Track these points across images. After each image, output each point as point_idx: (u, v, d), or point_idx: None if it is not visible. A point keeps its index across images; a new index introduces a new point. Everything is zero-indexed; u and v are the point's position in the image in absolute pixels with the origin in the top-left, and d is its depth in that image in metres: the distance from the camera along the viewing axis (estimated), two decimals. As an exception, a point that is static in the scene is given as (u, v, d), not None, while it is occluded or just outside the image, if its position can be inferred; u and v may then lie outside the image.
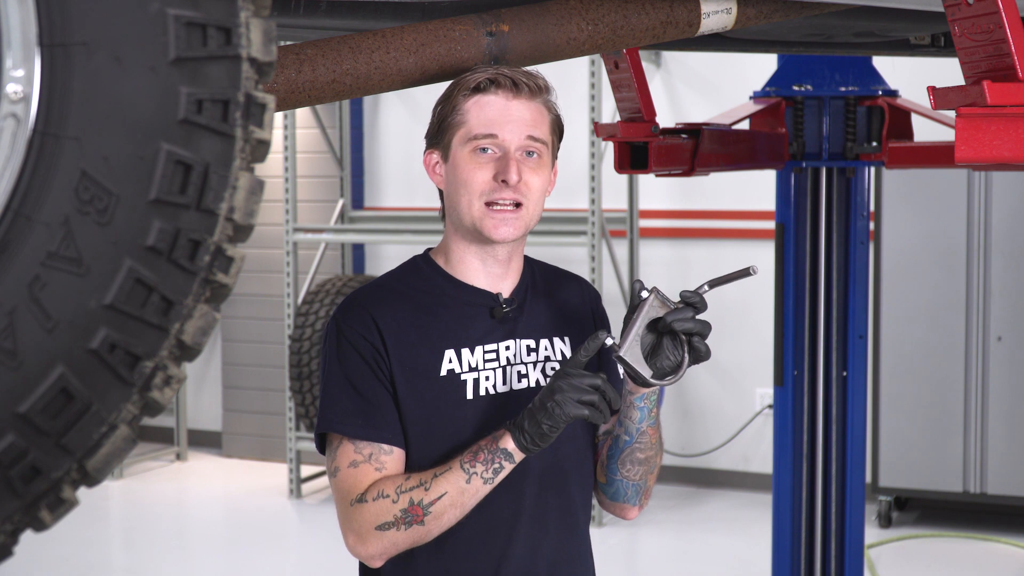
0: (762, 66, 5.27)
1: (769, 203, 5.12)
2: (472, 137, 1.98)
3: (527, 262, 2.15)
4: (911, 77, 5.04)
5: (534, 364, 2.08)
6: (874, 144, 3.79)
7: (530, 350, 2.08)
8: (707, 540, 6.30)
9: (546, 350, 2.09)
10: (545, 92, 2.02)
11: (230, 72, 1.12)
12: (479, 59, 1.98)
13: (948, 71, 3.27)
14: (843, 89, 3.80)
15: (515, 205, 1.98)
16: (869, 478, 6.26)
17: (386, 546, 1.94)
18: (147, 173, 1.10)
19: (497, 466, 1.92)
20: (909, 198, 6.18)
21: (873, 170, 4.03)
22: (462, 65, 1.97)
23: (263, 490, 7.33)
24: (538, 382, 2.07)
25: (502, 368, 2.05)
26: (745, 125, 3.86)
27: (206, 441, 8.32)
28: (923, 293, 6.20)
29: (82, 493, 1.21)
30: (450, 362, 2.02)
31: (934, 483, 6.22)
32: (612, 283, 6.97)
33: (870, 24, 2.61)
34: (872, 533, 6.17)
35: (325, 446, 2.04)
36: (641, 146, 3.22)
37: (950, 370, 6.17)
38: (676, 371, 1.95)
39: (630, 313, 1.95)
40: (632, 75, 3.07)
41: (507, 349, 2.06)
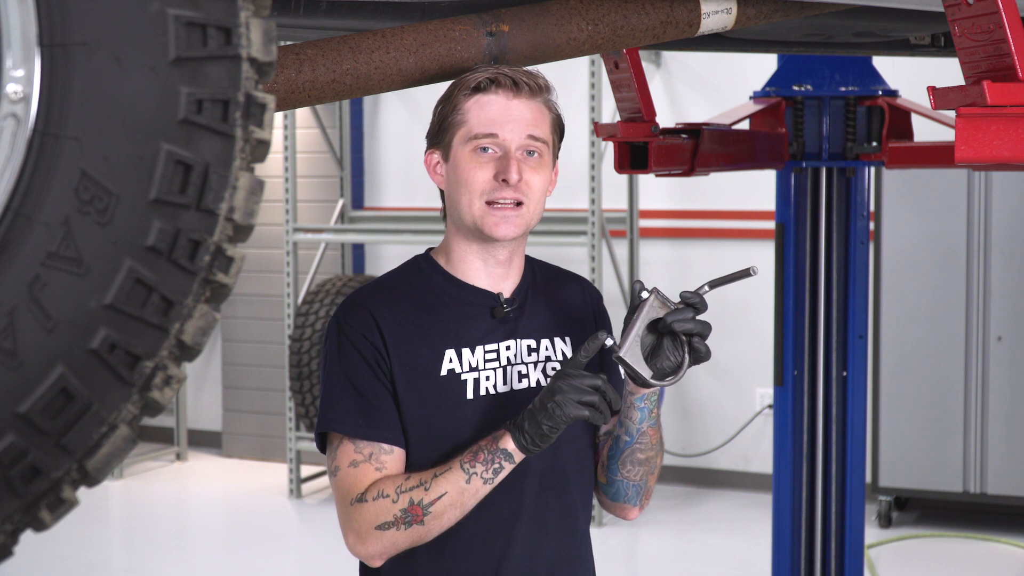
0: (762, 66, 5.27)
1: (769, 203, 5.12)
2: (472, 136, 1.98)
3: (528, 262, 2.15)
4: (911, 77, 5.04)
5: (535, 364, 2.07)
6: (874, 144, 3.78)
7: (531, 350, 2.08)
8: (707, 540, 6.30)
9: (547, 350, 2.09)
10: (546, 91, 2.02)
11: (230, 72, 1.13)
12: (479, 59, 1.98)
13: (948, 71, 3.27)
14: (843, 89, 3.80)
15: (516, 204, 1.98)
16: (869, 478, 6.26)
17: (386, 546, 1.94)
18: (147, 173, 1.10)
19: (497, 466, 1.92)
20: (909, 198, 6.18)
21: (873, 170, 4.03)
22: (462, 65, 1.97)
23: (263, 490, 7.33)
24: (539, 382, 2.07)
25: (503, 368, 2.05)
26: (745, 125, 3.86)
27: (206, 441, 8.32)
28: (923, 293, 6.20)
29: (82, 493, 1.21)
30: (450, 362, 2.02)
31: (934, 483, 6.22)
32: (612, 283, 6.97)
33: (870, 24, 2.61)
34: (872, 533, 6.17)
35: (326, 445, 2.04)
36: (641, 146, 3.22)
37: (950, 370, 6.17)
38: (676, 372, 1.95)
39: (630, 314, 1.95)
40: (632, 75, 3.07)
41: (508, 349, 2.05)
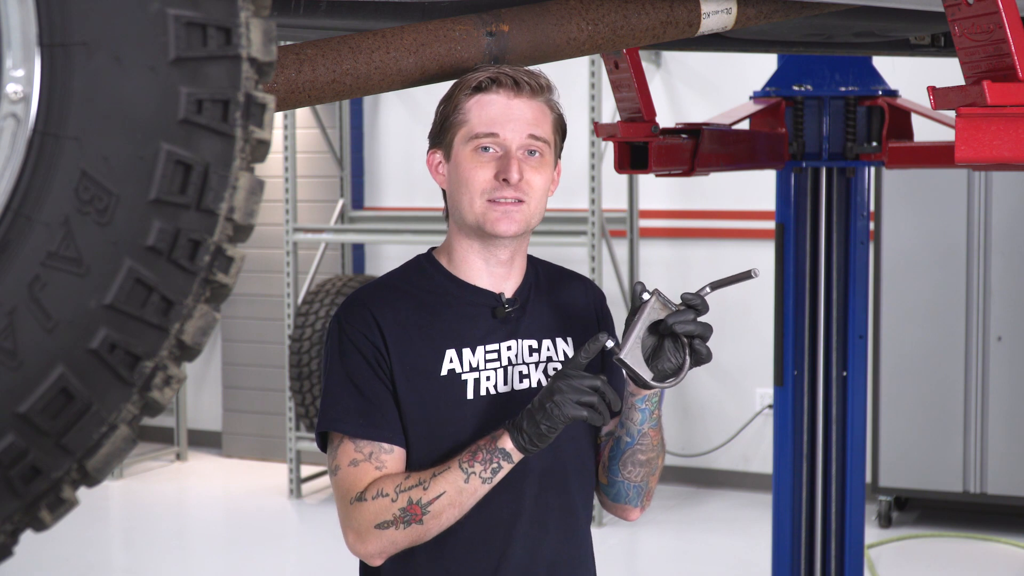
0: (762, 66, 5.27)
1: (769, 203, 5.12)
2: (474, 136, 1.98)
3: (531, 262, 2.14)
4: (911, 77, 5.04)
5: (536, 364, 2.07)
6: (874, 144, 3.78)
7: (532, 350, 2.07)
8: (707, 540, 6.30)
9: (548, 350, 2.09)
10: (547, 91, 2.02)
11: (230, 72, 1.12)
12: (479, 59, 1.98)
13: (948, 71, 3.27)
14: (843, 89, 3.80)
15: (517, 201, 1.98)
16: (869, 478, 6.26)
17: (385, 545, 1.94)
18: (147, 173, 1.10)
19: (496, 466, 1.92)
20: (909, 198, 6.18)
21: (873, 170, 4.03)
22: (462, 65, 1.97)
23: (263, 490, 7.33)
24: (540, 382, 2.07)
25: (503, 368, 2.05)
26: (745, 125, 3.86)
27: (206, 441, 8.32)
28: (923, 293, 6.20)
29: (82, 493, 1.21)
30: (451, 362, 2.02)
31: (934, 483, 6.22)
32: (612, 283, 6.97)
33: (870, 24, 2.61)
34: (872, 533, 6.17)
35: (327, 444, 2.04)
36: (641, 146, 3.22)
37: (950, 370, 6.17)
38: (677, 373, 1.94)
39: (631, 315, 1.95)
40: (632, 75, 3.07)
41: (509, 349, 2.05)
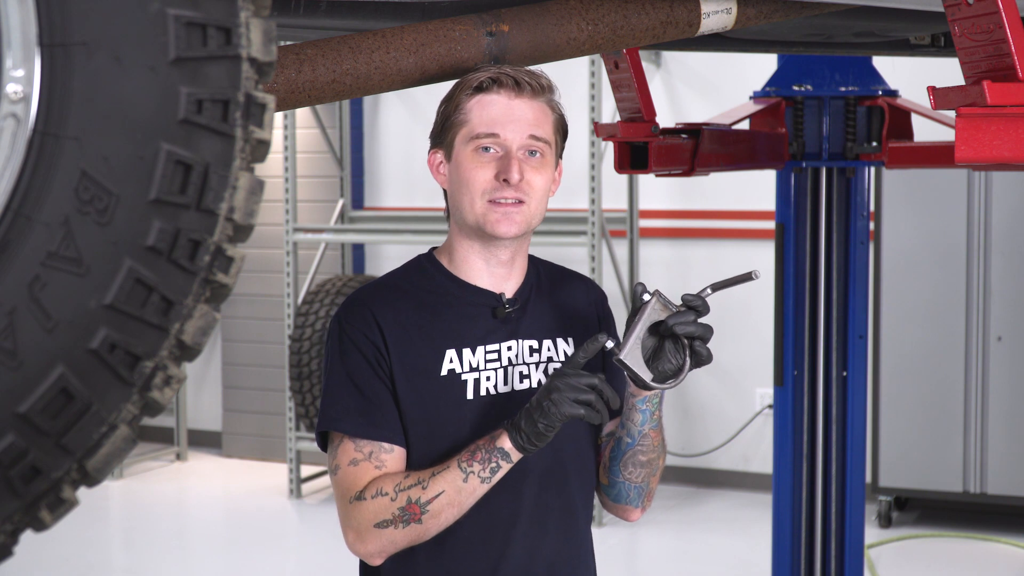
0: (762, 66, 5.27)
1: (769, 203, 5.12)
2: (474, 136, 1.98)
3: (532, 262, 2.14)
4: (911, 77, 5.04)
5: (536, 365, 2.07)
6: (874, 144, 3.78)
7: (532, 351, 2.07)
8: (707, 540, 6.30)
9: (549, 351, 2.09)
10: (548, 91, 2.02)
11: (230, 72, 1.12)
12: (479, 59, 1.98)
13: (948, 71, 3.27)
14: (843, 89, 3.80)
15: (517, 202, 1.98)
16: (869, 478, 6.26)
17: (384, 544, 1.94)
18: (147, 173, 1.10)
19: (494, 465, 1.92)
20: (909, 198, 6.18)
21: (873, 170, 4.03)
22: (462, 65, 1.97)
23: (263, 490, 7.33)
24: (540, 383, 2.06)
25: (503, 368, 2.04)
26: (745, 125, 3.86)
27: (206, 441, 8.32)
28: (923, 293, 6.20)
29: (82, 493, 1.21)
30: (451, 362, 2.02)
31: (934, 483, 6.22)
32: (612, 283, 6.97)
33: (870, 24, 2.61)
34: (872, 533, 6.17)
35: (327, 444, 2.04)
36: (641, 146, 3.22)
37: (950, 370, 6.17)
38: (677, 375, 1.94)
39: (632, 316, 1.95)
40: (632, 75, 3.07)
41: (509, 349, 2.05)
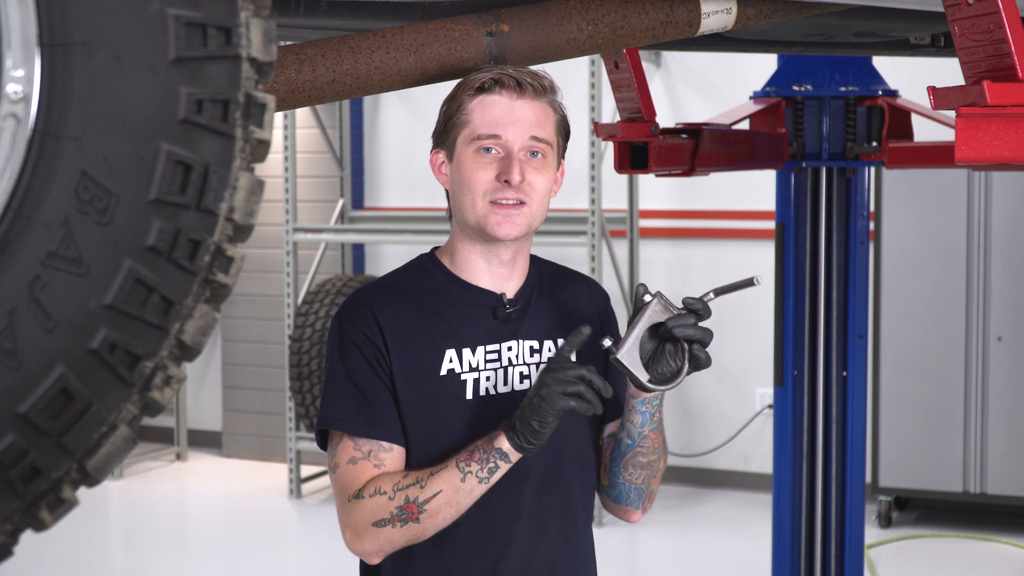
0: (762, 66, 5.27)
1: (769, 203, 5.12)
2: (476, 137, 1.98)
3: (535, 262, 2.14)
4: (911, 77, 5.04)
5: (537, 365, 2.07)
6: (874, 144, 3.78)
7: (533, 351, 2.07)
8: (707, 540, 6.30)
9: (549, 351, 2.08)
10: (551, 92, 2.01)
11: (230, 72, 1.12)
12: (479, 59, 1.97)
13: (948, 71, 3.27)
14: (843, 89, 3.80)
15: (518, 203, 1.97)
16: (869, 478, 6.26)
17: (382, 543, 1.94)
18: (147, 173, 1.10)
19: (492, 465, 1.91)
20: (909, 198, 6.18)
21: (873, 170, 4.03)
22: (462, 65, 1.96)
23: (263, 490, 7.33)
24: (540, 382, 2.06)
25: (503, 369, 2.04)
26: (745, 125, 3.85)
27: (206, 441, 8.31)
28: (923, 293, 6.20)
29: (82, 493, 1.21)
30: (450, 362, 2.01)
31: (934, 483, 6.22)
32: (612, 283, 6.97)
33: (870, 24, 2.61)
34: (872, 533, 6.17)
35: (327, 443, 2.04)
36: (641, 146, 3.22)
37: (950, 370, 6.17)
38: (675, 377, 1.94)
39: (632, 317, 1.95)
40: (632, 75, 3.07)
41: (509, 350, 2.05)
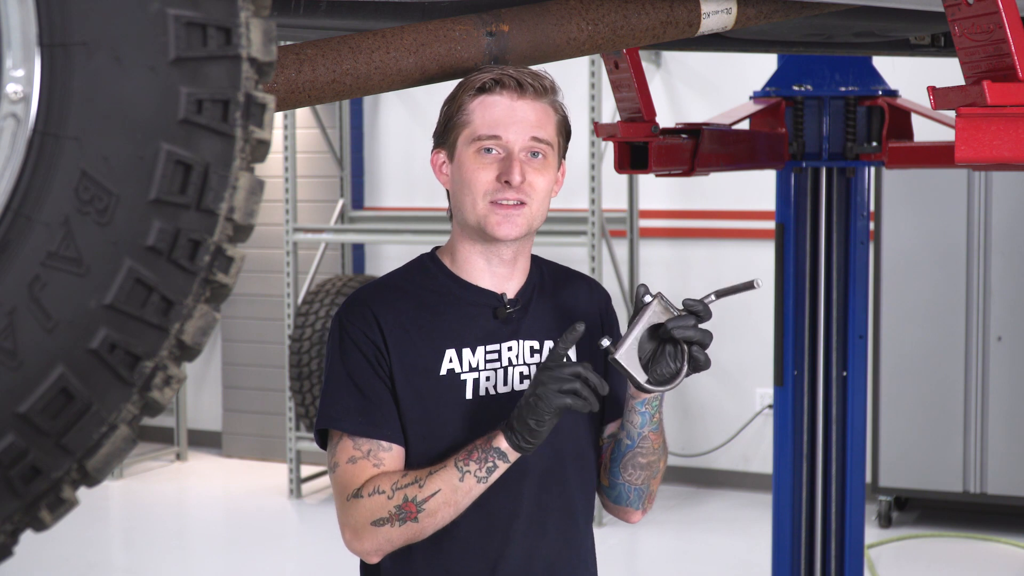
0: (762, 66, 5.27)
1: (769, 203, 5.12)
2: (476, 138, 1.98)
3: (536, 262, 2.14)
4: (911, 77, 5.04)
5: (537, 365, 2.07)
6: (874, 144, 3.78)
7: (533, 351, 2.07)
8: (707, 540, 6.30)
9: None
10: (551, 93, 2.01)
11: (230, 72, 1.12)
12: (479, 59, 1.97)
13: (948, 71, 3.27)
14: (843, 89, 3.80)
15: (519, 203, 1.98)
16: (869, 478, 6.26)
17: (381, 542, 1.94)
18: (147, 173, 1.10)
19: (491, 465, 1.91)
20: (909, 198, 6.18)
21: (873, 170, 4.03)
22: (462, 65, 1.96)
23: (263, 490, 7.33)
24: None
25: (503, 369, 2.04)
26: (745, 125, 3.85)
27: (206, 441, 8.31)
28: (923, 293, 6.20)
29: (82, 493, 1.21)
30: (450, 361, 2.01)
31: (934, 483, 6.22)
32: (612, 283, 6.96)
33: (870, 24, 2.61)
34: (872, 533, 6.17)
35: (326, 442, 2.04)
36: (641, 146, 3.22)
37: (950, 370, 6.17)
38: (673, 379, 1.94)
39: (632, 317, 1.95)
40: (632, 75, 3.07)
41: (509, 350, 2.05)
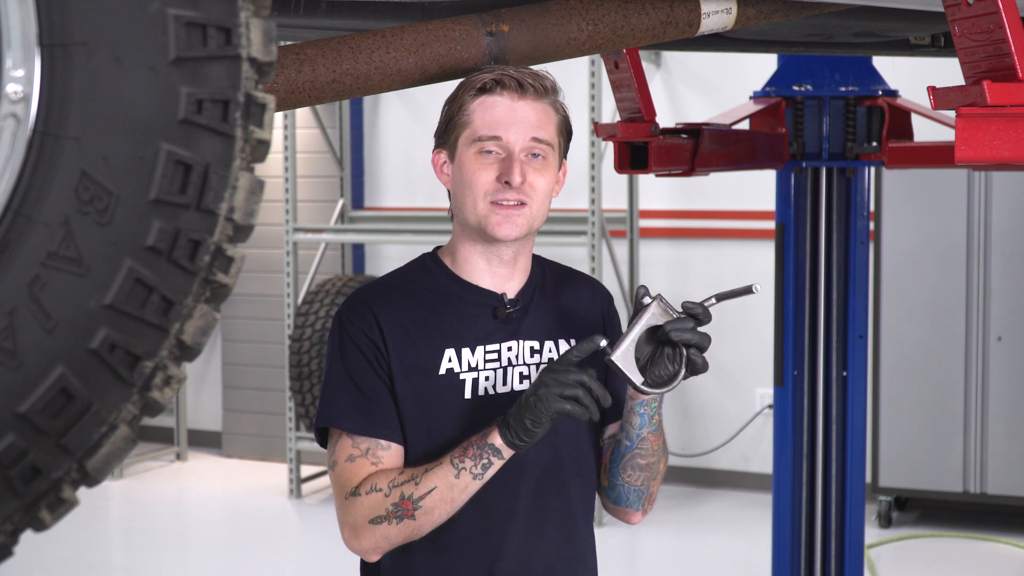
0: (762, 66, 5.27)
1: (769, 203, 5.12)
2: (477, 138, 1.98)
3: (538, 262, 2.14)
4: (911, 77, 5.04)
5: (537, 366, 2.06)
6: (874, 144, 3.78)
7: (533, 351, 2.07)
8: (707, 540, 6.30)
9: (550, 352, 2.08)
10: (552, 93, 2.01)
11: (230, 72, 1.12)
12: (479, 59, 1.97)
13: (948, 71, 3.27)
14: (843, 89, 3.79)
15: (519, 204, 1.98)
16: (869, 478, 6.25)
17: (378, 540, 1.94)
18: (147, 173, 1.10)
19: (486, 462, 1.91)
20: (909, 198, 6.18)
21: (873, 170, 4.03)
22: (462, 65, 1.96)
23: (263, 490, 7.33)
24: (540, 383, 2.06)
25: (503, 369, 2.04)
26: (745, 125, 3.85)
27: (206, 441, 8.31)
28: (923, 293, 6.20)
29: (82, 493, 1.21)
30: (449, 361, 2.02)
31: (934, 483, 6.22)
32: (612, 283, 6.96)
33: (870, 24, 2.61)
34: (872, 533, 6.17)
35: (326, 440, 2.04)
36: (641, 146, 3.22)
37: (950, 370, 6.17)
38: (670, 381, 1.93)
39: (631, 318, 1.95)
40: (632, 75, 3.07)
41: (509, 350, 2.05)
